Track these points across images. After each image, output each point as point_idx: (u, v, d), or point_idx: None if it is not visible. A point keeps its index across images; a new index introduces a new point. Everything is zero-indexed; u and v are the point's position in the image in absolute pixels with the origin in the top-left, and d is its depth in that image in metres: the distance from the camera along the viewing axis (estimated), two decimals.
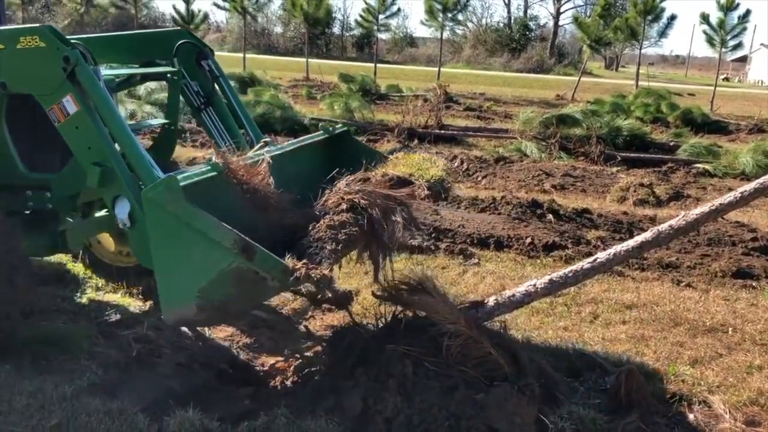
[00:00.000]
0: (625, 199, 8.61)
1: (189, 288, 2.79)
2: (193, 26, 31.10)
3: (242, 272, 2.71)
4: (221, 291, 2.79)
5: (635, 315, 4.81)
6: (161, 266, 2.84)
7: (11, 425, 2.99)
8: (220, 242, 2.66)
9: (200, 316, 2.87)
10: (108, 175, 3.19)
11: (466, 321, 3.40)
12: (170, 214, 2.71)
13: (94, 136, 3.23)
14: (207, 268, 2.74)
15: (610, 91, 25.36)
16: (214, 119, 4.30)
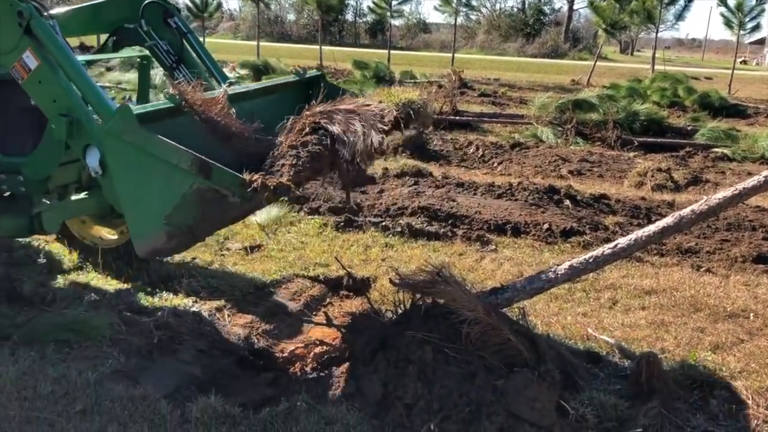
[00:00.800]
0: (642, 184, 8.53)
1: (156, 216, 2.87)
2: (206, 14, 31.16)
3: (203, 192, 2.80)
4: (186, 214, 2.86)
5: (655, 301, 4.78)
6: (127, 200, 2.94)
7: (37, 411, 3.03)
8: (178, 164, 2.75)
9: (171, 243, 2.94)
10: (76, 126, 3.23)
11: (485, 308, 3.39)
12: (127, 143, 2.80)
13: (58, 88, 3.26)
14: (170, 194, 2.83)
15: (625, 75, 25.10)
16: (188, 76, 4.25)
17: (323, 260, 5.26)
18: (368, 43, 49.60)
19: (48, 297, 4.21)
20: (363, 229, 6.06)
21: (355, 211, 6.54)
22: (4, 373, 3.28)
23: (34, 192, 3.81)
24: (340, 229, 6.04)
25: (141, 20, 4.22)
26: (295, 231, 5.98)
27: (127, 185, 2.91)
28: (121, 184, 2.92)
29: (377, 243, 5.78)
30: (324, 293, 4.64)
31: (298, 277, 4.87)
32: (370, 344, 3.43)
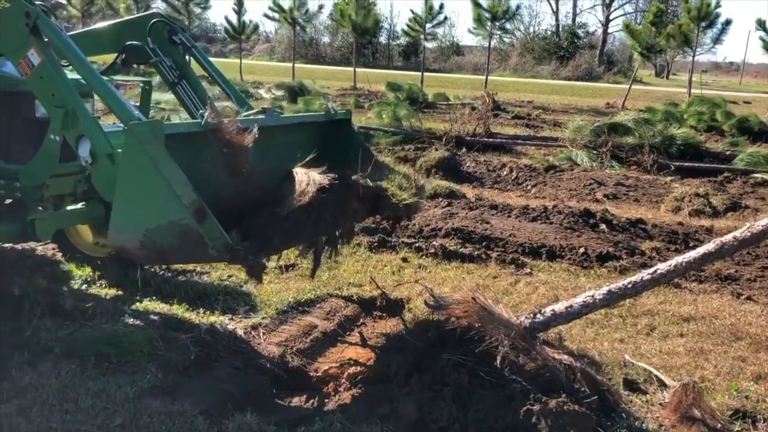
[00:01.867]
0: (680, 209, 8.41)
1: (139, 223, 3.04)
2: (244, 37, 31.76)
3: (189, 230, 2.94)
4: (166, 238, 3.01)
5: (693, 328, 4.69)
6: (122, 196, 3.10)
7: (78, 424, 3.09)
8: (180, 197, 2.89)
9: (140, 252, 3.12)
10: (70, 118, 3.43)
11: (521, 332, 3.38)
12: (146, 154, 2.91)
13: (57, 83, 3.49)
14: (160, 214, 2.98)
15: (661, 99, 24.86)
16: (188, 91, 4.50)
17: (356, 280, 5.29)
18: (401, 65, 49.96)
19: (89, 312, 4.30)
20: (396, 250, 6.08)
21: (389, 231, 6.56)
22: (47, 385, 3.35)
23: (29, 199, 4.05)
24: (373, 250, 6.07)
25: (148, 38, 4.40)
26: None
27: (127, 185, 3.07)
28: (123, 181, 3.08)
29: (410, 264, 5.79)
30: (357, 313, 4.66)
31: (331, 297, 4.90)
32: (404, 366, 3.43)
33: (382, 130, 13.54)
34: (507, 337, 3.27)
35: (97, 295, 4.69)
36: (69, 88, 3.50)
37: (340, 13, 30.22)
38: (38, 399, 3.25)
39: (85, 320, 4.18)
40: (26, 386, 3.36)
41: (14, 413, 3.12)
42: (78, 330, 4.00)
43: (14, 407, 3.17)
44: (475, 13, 27.60)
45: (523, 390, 3.15)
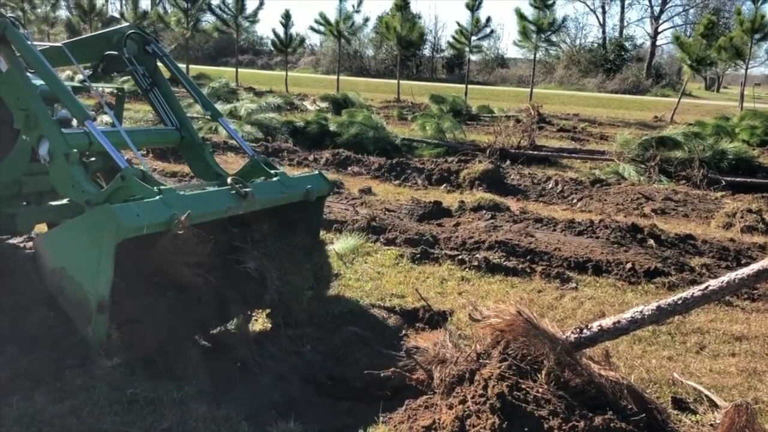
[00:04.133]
0: (731, 225, 8.19)
1: (62, 259, 3.36)
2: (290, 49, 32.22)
3: (87, 307, 3.25)
4: (69, 289, 3.34)
5: (746, 347, 4.56)
6: (65, 232, 3.45)
7: (126, 426, 3.15)
8: (97, 286, 3.20)
9: (47, 273, 3.43)
10: (32, 119, 3.72)
11: (566, 347, 3.33)
12: (99, 240, 3.18)
13: (21, 88, 3.77)
14: (79, 275, 3.29)
15: (711, 112, 24.30)
16: (159, 97, 4.71)
17: (399, 291, 5.29)
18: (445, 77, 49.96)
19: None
20: (439, 262, 6.07)
21: (431, 243, 6.56)
22: (97, 387, 3.42)
23: (7, 194, 4.38)
24: (416, 261, 6.07)
25: (124, 48, 4.62)
26: (371, 261, 6.04)
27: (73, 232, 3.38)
28: (72, 229, 3.41)
29: (453, 276, 5.76)
30: (400, 324, 4.65)
31: (374, 308, 4.91)
32: (447, 377, 3.42)
33: (425, 142, 13.56)
34: (552, 352, 3.24)
35: None
36: (32, 93, 3.78)
37: (385, 26, 30.39)
38: (89, 400, 3.33)
39: None
40: (78, 388, 3.45)
41: (66, 413, 3.21)
42: None
43: (67, 407, 3.26)
44: (521, 25, 27.46)
45: (568, 406, 3.10)
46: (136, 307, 3.46)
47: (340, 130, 13.25)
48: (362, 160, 11.53)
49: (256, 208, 3.92)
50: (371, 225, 6.89)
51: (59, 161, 3.59)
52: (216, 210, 3.68)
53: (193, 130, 4.69)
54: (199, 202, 3.61)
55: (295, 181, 4.36)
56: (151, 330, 3.47)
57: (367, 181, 10.29)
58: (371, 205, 8.19)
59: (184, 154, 4.81)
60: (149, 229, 3.27)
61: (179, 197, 3.52)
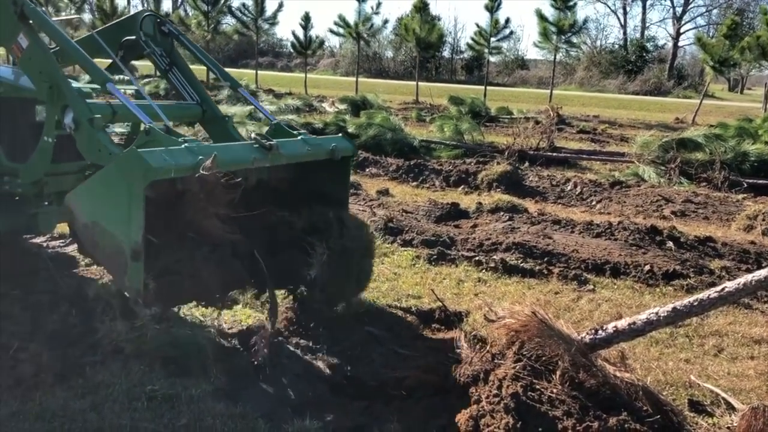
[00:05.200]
0: (752, 228, 8.10)
1: (93, 213, 3.37)
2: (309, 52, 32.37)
3: (122, 255, 3.24)
4: (103, 240, 3.34)
5: (765, 351, 4.52)
6: (94, 185, 3.43)
7: (145, 422, 3.21)
8: (131, 232, 3.18)
9: (80, 229, 3.46)
10: (55, 91, 3.82)
11: (581, 348, 3.34)
12: (126, 187, 3.18)
13: (43, 62, 3.89)
14: (111, 224, 3.30)
15: (734, 114, 24.02)
16: (179, 76, 4.77)
17: (415, 292, 5.31)
18: (464, 79, 49.87)
19: (157, 315, 4.46)
20: (456, 263, 6.08)
21: (448, 244, 6.57)
22: (117, 384, 3.50)
23: (30, 194, 4.48)
24: (432, 262, 6.08)
25: (140, 32, 4.69)
26: (388, 262, 6.07)
27: (101, 186, 3.38)
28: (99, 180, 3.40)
29: (470, 277, 5.77)
30: (416, 325, 4.67)
31: (390, 308, 4.94)
32: (462, 377, 3.44)
33: (443, 143, 13.56)
34: (566, 353, 3.24)
35: None
36: (54, 66, 3.89)
37: (404, 27, 30.44)
38: (109, 397, 3.40)
39: (154, 324, 4.33)
40: (98, 384, 3.52)
41: (87, 409, 3.27)
42: (148, 333, 4.15)
43: (88, 403, 3.33)
44: (541, 26, 27.35)
45: (582, 406, 3.10)
46: (172, 259, 3.46)
47: (359, 131, 13.30)
48: (380, 162, 11.56)
49: (281, 162, 3.91)
50: (388, 226, 6.92)
51: (84, 127, 3.67)
52: (242, 160, 3.65)
53: (214, 104, 4.76)
54: (225, 151, 3.59)
55: (319, 141, 4.34)
56: (188, 282, 3.47)
57: (384, 183, 10.32)
58: (388, 207, 8.22)
59: (207, 128, 4.87)
60: (177, 173, 3.27)
61: (204, 146, 3.54)
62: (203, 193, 3.45)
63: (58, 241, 6.15)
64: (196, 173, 3.29)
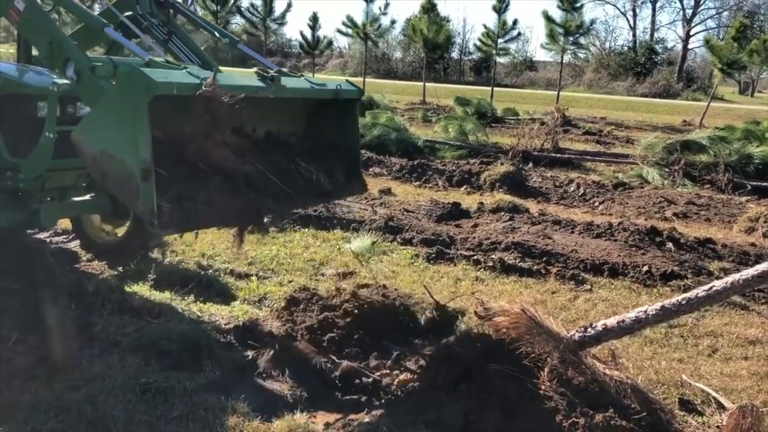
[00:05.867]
0: (753, 230, 8.09)
1: (101, 142, 3.28)
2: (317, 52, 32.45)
3: (132, 178, 3.15)
4: (112, 168, 3.25)
5: (759, 351, 4.53)
6: (99, 113, 3.38)
7: (139, 413, 3.27)
8: (138, 151, 3.10)
9: (89, 162, 3.37)
10: (55, 46, 3.80)
11: (570, 346, 3.36)
12: (130, 103, 3.11)
13: (40, 21, 3.91)
14: (119, 149, 3.20)
15: (743, 117, 23.92)
16: (179, 44, 4.74)
17: (413, 290, 5.33)
18: (472, 80, 49.85)
19: (155, 310, 4.52)
20: (454, 262, 6.11)
21: (447, 243, 6.60)
22: (113, 376, 3.55)
23: (31, 189, 4.52)
24: (431, 261, 6.11)
25: (137, 6, 4.71)
26: (387, 260, 6.10)
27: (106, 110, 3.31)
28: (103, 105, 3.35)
29: (468, 276, 5.80)
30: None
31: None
32: (452, 374, 3.47)
33: (447, 143, 13.58)
34: (555, 350, 3.27)
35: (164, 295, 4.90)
36: (51, 23, 3.93)
37: (412, 28, 30.47)
38: (105, 389, 3.45)
39: (151, 318, 4.39)
40: (94, 376, 3.58)
41: (83, 400, 3.33)
42: (144, 327, 4.21)
43: (83, 395, 3.38)
44: (548, 28, 27.33)
45: (570, 403, 3.13)
46: (185, 187, 3.42)
47: (363, 131, 13.33)
48: (384, 161, 11.60)
49: (285, 94, 3.89)
50: (388, 225, 6.95)
51: (86, 76, 3.64)
52: (245, 86, 3.63)
53: (217, 67, 4.72)
54: (228, 79, 3.58)
55: (323, 83, 4.35)
56: (202, 208, 3.43)
57: (387, 182, 10.35)
58: (390, 206, 8.26)
59: None
60: (179, 90, 3.24)
61: (205, 72, 3.54)
62: (208, 114, 3.39)
63: (61, 237, 6.24)
64: (198, 91, 3.27)
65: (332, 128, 4.43)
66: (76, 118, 4.61)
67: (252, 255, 5.93)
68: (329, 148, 4.43)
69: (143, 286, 5.01)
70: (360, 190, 4.74)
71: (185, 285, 5.03)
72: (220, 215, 3.56)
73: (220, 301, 4.92)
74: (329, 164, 4.34)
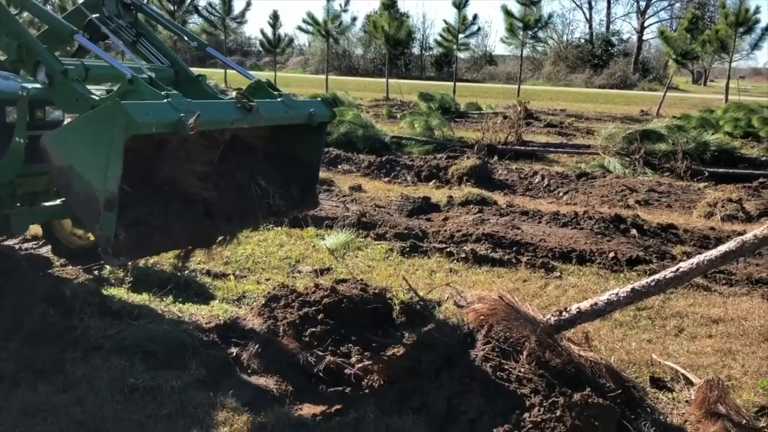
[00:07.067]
0: (712, 214, 8.40)
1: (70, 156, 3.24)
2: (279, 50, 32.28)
3: (95, 204, 3.16)
4: (77, 185, 3.22)
5: (722, 329, 4.75)
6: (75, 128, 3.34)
7: (128, 413, 3.30)
8: (107, 181, 3.10)
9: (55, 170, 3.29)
10: (24, 49, 3.76)
11: (546, 329, 3.50)
12: (109, 136, 3.09)
13: (7, 24, 3.84)
14: (87, 171, 3.19)
15: (697, 106, 24.57)
16: (147, 45, 4.69)
17: (389, 284, 5.43)
18: (434, 75, 50.14)
19: (135, 312, 4.54)
20: (428, 255, 6.23)
21: (420, 237, 6.72)
22: (99, 378, 3.58)
23: (2, 195, 4.43)
24: (405, 255, 6.22)
25: (103, 8, 4.60)
26: (362, 255, 6.20)
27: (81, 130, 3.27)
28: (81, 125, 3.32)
29: (442, 268, 5.93)
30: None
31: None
32: (435, 361, 3.57)
33: (414, 139, 13.72)
34: (533, 334, 3.40)
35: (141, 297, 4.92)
36: (20, 26, 3.87)
37: (372, 24, 30.57)
38: (91, 391, 3.47)
39: (131, 320, 4.40)
40: (80, 379, 3.60)
41: (70, 403, 3.35)
42: (126, 329, 4.23)
43: (70, 397, 3.40)
44: (507, 22, 27.72)
45: (549, 384, 3.27)
46: (144, 211, 3.44)
47: (330, 128, 13.37)
48: (352, 158, 11.68)
49: (260, 123, 3.93)
50: (361, 221, 7.04)
51: (59, 79, 3.61)
52: (222, 120, 3.67)
53: (185, 65, 4.70)
54: (207, 109, 3.57)
55: (299, 104, 4.36)
56: (158, 235, 3.45)
57: (357, 179, 10.43)
58: (361, 202, 8.34)
59: (183, 89, 4.70)
60: (158, 129, 3.24)
61: (187, 102, 3.51)
62: (183, 150, 3.45)
63: (31, 243, 6.18)
64: (178, 132, 3.27)
65: (299, 141, 4.45)
66: (45, 122, 4.60)
67: (227, 255, 5.96)
68: (291, 159, 4.46)
69: (121, 289, 5.02)
70: (312, 206, 4.81)
71: (163, 287, 5.05)
72: (174, 241, 3.62)
73: (199, 301, 4.95)
74: (288, 174, 4.38)
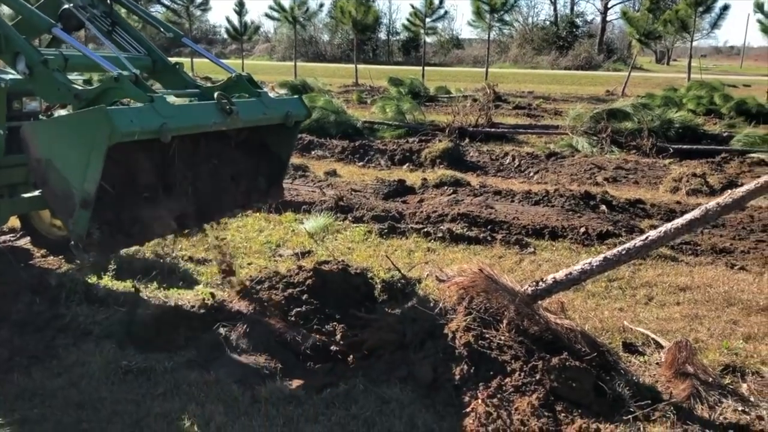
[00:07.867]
0: (677, 189, 8.68)
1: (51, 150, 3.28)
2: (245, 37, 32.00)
3: (71, 200, 3.23)
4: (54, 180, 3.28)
5: (689, 297, 4.98)
6: (60, 123, 3.42)
7: (124, 393, 3.40)
8: (85, 182, 3.17)
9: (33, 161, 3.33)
10: (2, 40, 3.76)
11: (524, 299, 3.67)
12: (92, 139, 3.15)
13: None
14: (66, 168, 3.24)
15: (661, 85, 25.06)
16: (123, 35, 4.68)
17: (369, 264, 5.56)
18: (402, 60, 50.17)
19: (121, 299, 4.61)
20: (406, 235, 6.37)
21: (397, 218, 6.86)
22: (92, 362, 3.66)
23: None
24: (384, 236, 6.36)
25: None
26: (341, 238, 6.32)
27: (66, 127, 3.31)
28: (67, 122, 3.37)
29: (420, 248, 6.08)
30: None
31: None
32: (419, 333, 3.73)
33: (386, 124, 13.82)
34: (512, 303, 3.57)
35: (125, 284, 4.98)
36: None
37: (339, 10, 30.48)
38: (85, 374, 3.56)
39: (118, 306, 4.48)
40: (73, 363, 3.68)
41: (66, 386, 3.44)
42: (114, 314, 4.30)
43: (65, 381, 3.49)
44: (474, 5, 27.84)
45: (528, 350, 3.44)
46: (117, 210, 3.50)
47: None
48: (325, 144, 11.76)
49: (238, 125, 4.01)
50: (339, 205, 7.15)
51: (39, 69, 3.61)
52: (202, 123, 3.74)
53: (162, 54, 4.70)
54: (188, 113, 3.67)
55: (276, 104, 4.42)
56: (126, 232, 3.53)
57: (331, 164, 10.52)
58: (337, 187, 8.45)
59: (159, 78, 4.76)
60: (141, 136, 3.29)
61: (170, 107, 3.55)
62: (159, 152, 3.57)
63: (8, 236, 6.18)
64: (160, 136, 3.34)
65: (271, 135, 4.52)
66: (22, 113, 4.61)
67: (208, 241, 6.03)
68: (262, 147, 4.54)
69: (105, 278, 5.07)
70: (276, 198, 4.90)
71: (147, 273, 5.12)
72: (142, 237, 3.72)
73: (183, 285, 5.03)
74: (256, 165, 4.47)
